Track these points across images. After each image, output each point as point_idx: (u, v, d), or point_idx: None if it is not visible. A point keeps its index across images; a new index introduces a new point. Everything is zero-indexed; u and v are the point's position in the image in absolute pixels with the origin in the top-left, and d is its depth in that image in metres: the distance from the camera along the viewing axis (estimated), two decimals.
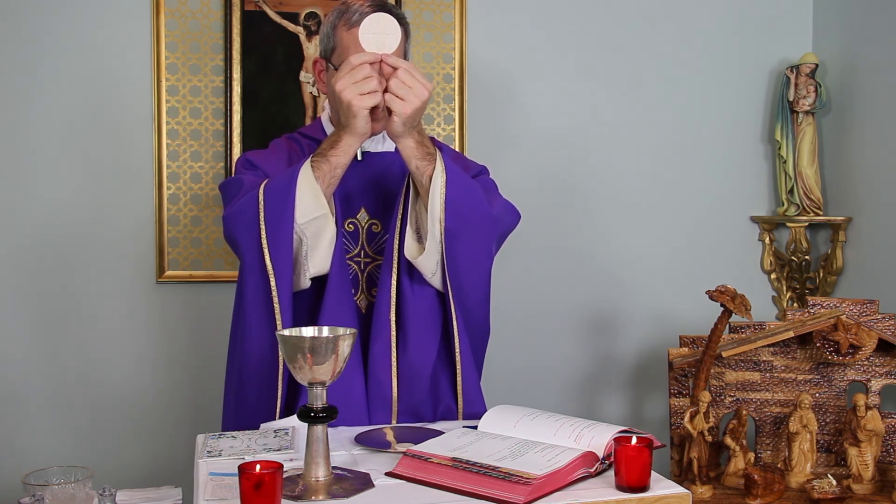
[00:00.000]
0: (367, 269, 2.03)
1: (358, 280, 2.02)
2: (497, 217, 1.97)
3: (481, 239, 1.92)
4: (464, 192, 1.87)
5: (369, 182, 2.04)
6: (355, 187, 2.03)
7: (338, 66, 1.91)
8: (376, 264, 2.02)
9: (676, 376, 2.38)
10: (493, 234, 1.97)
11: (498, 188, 2.12)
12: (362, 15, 1.89)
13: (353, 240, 2.02)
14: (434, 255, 1.88)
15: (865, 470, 2.19)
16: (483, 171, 2.14)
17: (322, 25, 2.03)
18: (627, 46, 2.95)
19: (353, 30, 1.89)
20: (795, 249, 3.00)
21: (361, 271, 2.02)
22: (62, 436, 2.62)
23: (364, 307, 2.02)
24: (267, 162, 2.03)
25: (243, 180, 1.96)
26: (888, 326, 2.29)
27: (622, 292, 2.99)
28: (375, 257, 2.03)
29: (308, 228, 1.85)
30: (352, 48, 1.89)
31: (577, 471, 1.49)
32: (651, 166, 2.99)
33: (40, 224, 2.59)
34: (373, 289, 2.01)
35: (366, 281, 2.02)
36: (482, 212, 1.91)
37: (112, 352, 2.65)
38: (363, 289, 2.02)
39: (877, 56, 2.78)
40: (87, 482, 1.75)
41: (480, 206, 1.91)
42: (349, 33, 1.92)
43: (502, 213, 2.01)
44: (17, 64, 2.55)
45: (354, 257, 2.02)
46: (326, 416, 1.46)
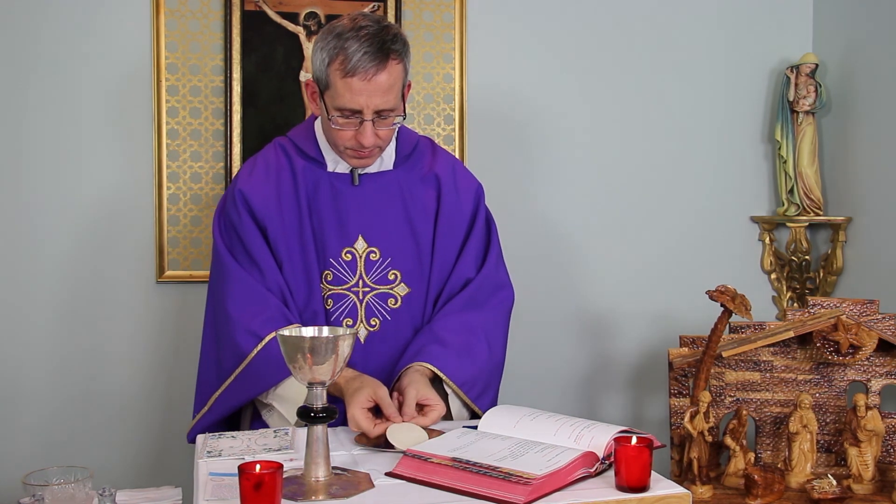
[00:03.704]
0: (366, 298, 2.00)
1: (356, 310, 1.99)
2: (500, 360, 2.04)
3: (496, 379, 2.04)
4: (474, 383, 1.95)
5: (366, 207, 2.01)
6: (351, 213, 2.00)
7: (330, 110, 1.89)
8: (376, 293, 2.00)
9: (676, 376, 2.38)
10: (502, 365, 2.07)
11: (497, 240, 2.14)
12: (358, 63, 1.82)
13: (350, 270, 1.99)
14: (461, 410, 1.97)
15: (865, 470, 2.19)
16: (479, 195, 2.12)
17: (316, 48, 1.91)
18: (628, 46, 2.95)
19: (349, 79, 1.84)
20: (795, 249, 3.00)
21: (360, 301, 1.99)
22: (62, 436, 2.62)
23: (363, 337, 2.00)
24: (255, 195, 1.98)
25: (234, 274, 1.95)
26: (888, 326, 2.29)
27: (622, 292, 2.99)
28: (375, 286, 2.00)
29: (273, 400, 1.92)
30: (347, 96, 1.85)
31: (577, 471, 1.49)
32: (651, 166, 2.98)
33: (40, 224, 2.59)
34: (372, 318, 1.99)
35: (364, 310, 1.99)
36: (493, 368, 2.00)
37: (112, 352, 2.65)
38: (362, 318, 1.99)
39: (877, 56, 2.78)
40: (87, 482, 1.75)
41: (490, 372, 2.00)
42: (344, 82, 1.85)
43: (501, 336, 2.06)
44: (17, 64, 2.55)
45: (352, 287, 1.99)
46: (326, 416, 1.46)
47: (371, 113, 1.88)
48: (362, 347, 1.99)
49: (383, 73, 1.85)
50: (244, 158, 2.66)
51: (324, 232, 1.99)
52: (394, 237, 2.02)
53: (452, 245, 2.07)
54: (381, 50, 1.84)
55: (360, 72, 1.83)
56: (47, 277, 2.60)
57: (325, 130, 1.99)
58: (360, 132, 1.90)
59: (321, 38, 1.90)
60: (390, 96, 1.88)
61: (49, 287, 2.60)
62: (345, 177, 2.03)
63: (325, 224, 1.99)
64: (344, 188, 2.02)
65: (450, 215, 2.06)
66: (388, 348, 2.00)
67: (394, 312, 2.01)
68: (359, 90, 1.85)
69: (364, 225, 2.00)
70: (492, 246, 2.12)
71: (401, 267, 2.02)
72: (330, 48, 1.86)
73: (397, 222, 2.03)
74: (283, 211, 1.99)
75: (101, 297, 2.64)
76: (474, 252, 2.09)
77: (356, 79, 1.83)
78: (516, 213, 2.84)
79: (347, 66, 1.83)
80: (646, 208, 2.99)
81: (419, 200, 2.05)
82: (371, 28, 1.86)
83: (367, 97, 1.85)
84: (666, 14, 2.97)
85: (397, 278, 2.02)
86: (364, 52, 1.83)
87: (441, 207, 2.06)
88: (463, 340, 1.96)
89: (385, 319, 2.00)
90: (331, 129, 1.93)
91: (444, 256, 2.06)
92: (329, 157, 2.03)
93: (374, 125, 1.89)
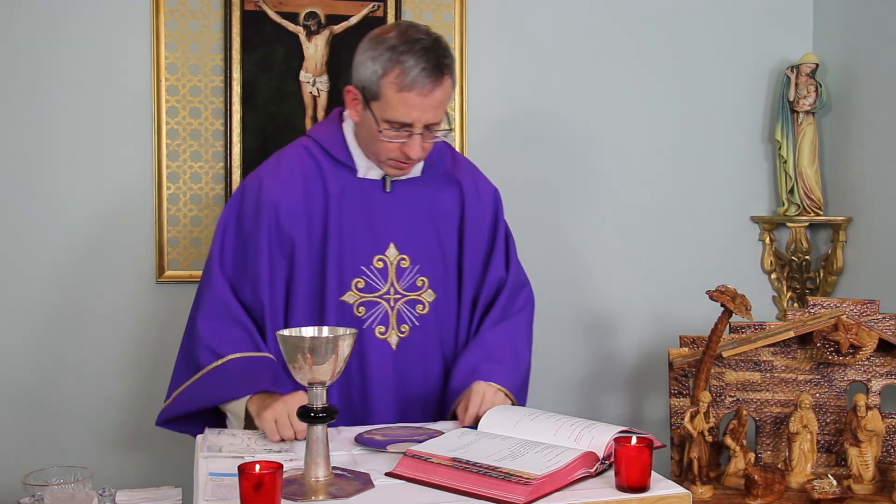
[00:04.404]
0: (397, 305, 2.00)
1: (387, 317, 1.99)
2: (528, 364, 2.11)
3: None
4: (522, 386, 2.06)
5: (398, 214, 2.01)
6: (383, 221, 2.00)
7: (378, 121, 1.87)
8: (406, 300, 2.01)
9: (676, 376, 2.38)
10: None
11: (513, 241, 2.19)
12: (416, 79, 1.81)
13: (381, 277, 1.99)
14: None
15: (866, 470, 2.19)
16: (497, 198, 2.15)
17: (364, 56, 1.88)
18: (628, 46, 2.95)
19: (405, 94, 1.83)
20: (796, 249, 3.00)
21: (391, 308, 2.00)
22: (62, 436, 2.62)
23: (394, 344, 2.00)
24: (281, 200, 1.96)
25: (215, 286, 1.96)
26: (888, 326, 2.29)
27: (622, 292, 2.99)
28: (405, 293, 2.01)
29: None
30: (401, 110, 1.84)
31: (577, 471, 1.49)
32: (651, 166, 2.98)
33: (40, 224, 2.59)
34: (402, 325, 2.00)
35: (396, 317, 2.00)
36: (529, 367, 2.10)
37: (112, 352, 2.65)
38: (393, 325, 2.00)
39: (877, 56, 2.78)
40: (86, 482, 1.75)
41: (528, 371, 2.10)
42: (400, 96, 1.83)
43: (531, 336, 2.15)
44: (17, 64, 2.55)
45: (384, 295, 1.99)
46: (326, 416, 1.46)
47: (421, 127, 1.88)
48: (394, 354, 1.99)
49: (439, 89, 1.86)
50: (244, 158, 2.66)
51: (354, 239, 1.98)
52: (422, 244, 2.03)
53: (480, 249, 2.11)
54: (438, 66, 1.84)
55: (417, 87, 1.83)
56: (47, 277, 2.60)
57: (365, 138, 1.96)
58: (407, 145, 1.89)
59: (370, 47, 1.87)
60: (441, 110, 1.90)
61: (49, 286, 2.60)
62: (376, 183, 2.01)
63: (355, 231, 1.98)
64: (375, 195, 2.00)
65: (475, 221, 2.09)
66: (417, 354, 2.02)
67: (422, 318, 2.02)
68: (413, 105, 1.84)
69: (395, 232, 2.00)
70: (511, 246, 2.18)
71: (428, 273, 2.03)
72: (384, 60, 1.84)
73: (425, 229, 2.04)
74: (311, 217, 1.97)
75: (102, 297, 2.64)
76: (501, 253, 2.14)
77: (412, 94, 1.83)
78: (516, 213, 2.82)
79: (405, 81, 1.82)
80: (646, 208, 2.99)
81: (443, 206, 2.07)
82: (425, 42, 1.85)
83: (421, 112, 1.85)
84: (666, 15, 2.97)
85: (425, 284, 2.03)
86: (422, 67, 1.82)
87: (465, 213, 2.08)
88: (510, 352, 2.03)
89: (414, 326, 2.01)
90: (375, 139, 1.91)
91: (474, 261, 2.09)
92: (361, 162, 2.00)
93: (422, 138, 1.89)
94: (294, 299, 1.97)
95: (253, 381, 1.85)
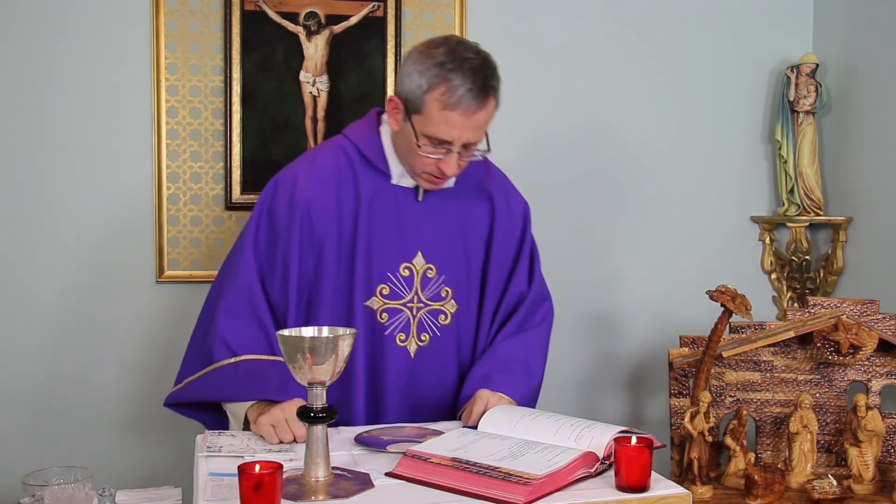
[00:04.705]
0: (419, 314, 2.00)
1: (409, 325, 1.99)
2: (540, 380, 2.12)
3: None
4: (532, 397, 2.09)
5: (427, 223, 2.01)
6: (413, 229, 1.99)
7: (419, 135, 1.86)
8: (429, 309, 2.01)
9: (677, 376, 2.38)
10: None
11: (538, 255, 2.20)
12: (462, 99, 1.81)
13: (406, 285, 1.99)
14: None
15: (866, 470, 2.19)
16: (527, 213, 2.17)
17: (411, 69, 1.86)
18: (628, 46, 2.95)
19: (449, 112, 1.82)
20: (796, 249, 3.00)
21: (413, 316, 2.00)
22: (62, 436, 2.62)
23: (413, 352, 2.00)
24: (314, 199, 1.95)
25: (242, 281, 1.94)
26: (888, 326, 2.29)
27: (622, 292, 2.99)
28: (429, 303, 2.00)
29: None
30: (443, 127, 1.84)
31: (577, 471, 1.49)
32: (651, 166, 2.98)
33: (40, 224, 2.59)
34: (423, 333, 2.00)
35: (417, 326, 2.00)
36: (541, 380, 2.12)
37: (112, 352, 2.65)
38: (414, 333, 2.00)
39: (877, 56, 2.78)
40: (86, 482, 1.75)
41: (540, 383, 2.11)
42: (443, 114, 1.82)
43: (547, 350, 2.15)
44: (17, 64, 2.55)
45: (407, 303, 1.99)
46: (326, 416, 1.46)
47: (460, 145, 1.87)
48: (412, 362, 1.99)
49: (483, 110, 1.85)
50: (244, 158, 2.66)
51: (382, 245, 1.97)
52: (449, 254, 2.03)
53: (505, 263, 2.11)
54: (484, 87, 1.84)
55: (462, 107, 1.82)
56: (47, 277, 2.60)
57: (402, 147, 1.95)
58: (444, 161, 1.88)
59: (418, 60, 1.86)
60: (481, 131, 1.89)
61: (49, 287, 2.60)
62: (408, 191, 2.01)
63: (384, 237, 1.97)
64: (407, 203, 2.00)
65: (503, 235, 2.10)
66: (434, 363, 2.02)
67: (443, 328, 2.02)
68: (456, 124, 1.84)
69: (423, 241, 2.00)
70: (536, 260, 2.18)
71: (453, 284, 2.04)
72: (431, 75, 1.83)
73: (452, 239, 2.04)
74: (341, 219, 1.96)
75: (101, 297, 2.64)
76: (525, 267, 2.14)
77: (456, 113, 1.82)
78: None
79: (450, 100, 1.81)
80: (646, 208, 2.99)
81: (473, 217, 2.07)
82: (474, 61, 1.84)
83: (462, 131, 1.85)
84: (666, 14, 2.97)
85: (448, 295, 2.03)
86: (468, 88, 1.81)
87: (495, 227, 2.09)
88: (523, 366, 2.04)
89: (435, 335, 2.01)
90: (412, 152, 1.90)
91: (498, 274, 2.10)
92: (395, 169, 2.00)
93: (460, 156, 1.89)
94: (319, 301, 1.96)
95: (259, 388, 1.85)
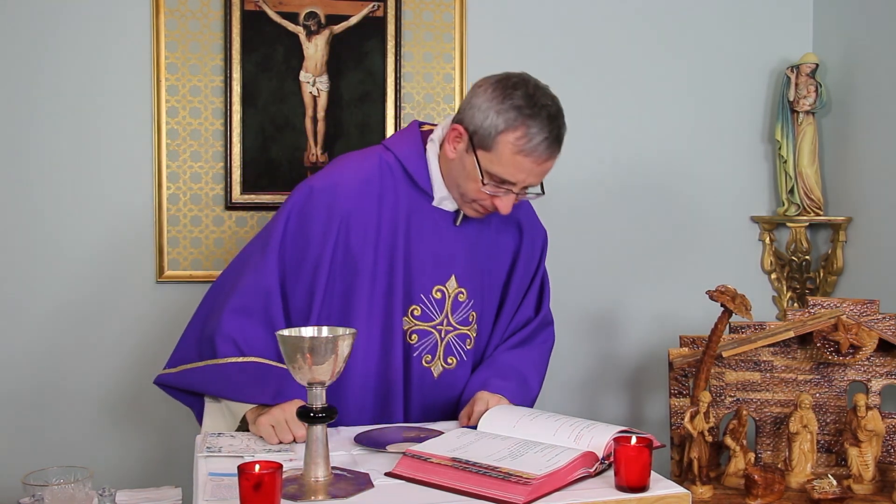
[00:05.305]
0: (447, 337, 2.00)
1: (436, 347, 1.99)
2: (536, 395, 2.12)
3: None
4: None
5: (462, 247, 2.00)
6: (448, 252, 1.99)
7: (484, 173, 1.84)
8: (457, 333, 2.01)
9: (676, 376, 2.37)
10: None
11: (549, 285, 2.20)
12: (537, 147, 1.81)
13: (437, 307, 1.98)
14: None
15: (866, 470, 2.19)
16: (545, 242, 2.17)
17: (485, 105, 1.85)
18: (628, 47, 2.95)
19: (521, 157, 1.81)
20: (796, 249, 3.00)
21: (441, 339, 1.99)
22: (62, 436, 2.62)
23: (437, 374, 2.00)
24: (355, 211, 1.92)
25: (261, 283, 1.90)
26: (888, 326, 2.29)
27: (622, 292, 2.99)
28: (457, 327, 2.00)
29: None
30: (511, 170, 1.83)
31: (576, 471, 1.49)
32: (651, 166, 2.98)
33: (39, 224, 2.59)
34: (449, 357, 2.00)
35: (444, 349, 2.00)
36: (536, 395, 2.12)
37: (112, 352, 2.65)
38: (440, 356, 2.00)
39: (877, 56, 2.78)
40: (86, 482, 1.75)
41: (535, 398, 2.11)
42: (515, 158, 1.82)
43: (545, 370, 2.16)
44: (17, 64, 2.55)
45: (437, 325, 1.98)
46: (326, 416, 1.46)
47: (521, 187, 1.88)
48: (435, 383, 2.00)
49: (553, 159, 1.87)
50: (244, 158, 2.66)
51: (419, 266, 1.96)
52: (478, 279, 2.04)
53: (521, 291, 2.13)
54: (558, 138, 1.85)
55: (535, 155, 1.82)
56: (47, 277, 2.60)
57: (453, 174, 1.93)
58: (500, 199, 1.88)
59: (494, 98, 1.85)
60: (544, 177, 1.91)
61: (49, 287, 2.60)
62: (448, 215, 1.99)
63: (421, 258, 1.96)
64: (445, 226, 1.99)
65: (524, 264, 2.11)
66: (456, 386, 2.03)
67: (468, 353, 2.04)
68: (525, 169, 1.84)
69: (457, 265, 1.99)
70: (546, 290, 2.18)
71: (478, 309, 2.04)
72: (509, 117, 1.82)
73: (482, 265, 2.04)
74: (379, 234, 1.94)
75: (101, 297, 2.64)
76: (535, 296, 2.15)
77: (529, 160, 1.83)
78: None
79: (525, 146, 1.81)
80: (646, 208, 2.99)
81: (501, 246, 2.08)
82: (551, 108, 1.85)
83: (528, 176, 1.86)
84: (666, 14, 2.97)
85: (474, 319, 2.04)
86: (545, 137, 1.82)
87: (519, 257, 2.10)
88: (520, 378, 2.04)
89: (461, 360, 2.02)
90: (468, 182, 1.89)
91: (514, 301, 2.12)
92: (439, 192, 1.97)
93: (517, 197, 1.90)
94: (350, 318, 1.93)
95: (265, 392, 1.84)
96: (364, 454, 1.67)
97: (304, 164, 2.71)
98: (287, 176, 2.69)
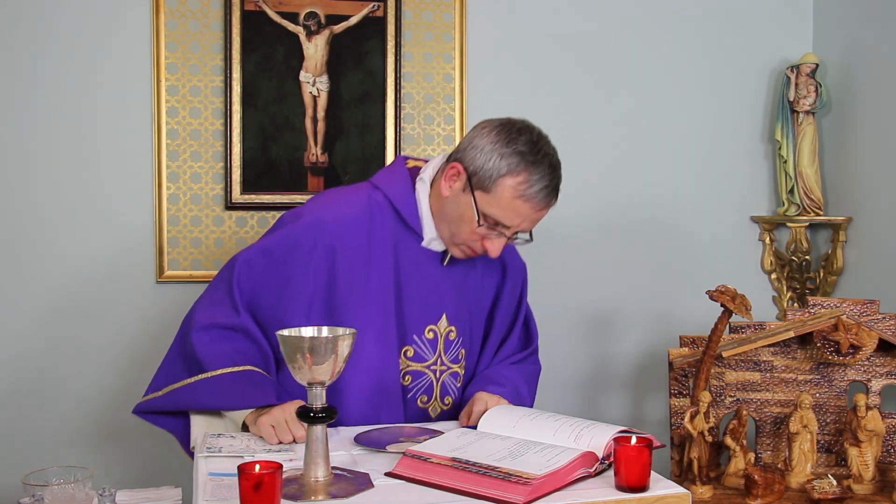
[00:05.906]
0: (442, 377, 1.99)
1: (432, 388, 1.98)
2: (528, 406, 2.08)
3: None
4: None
5: (450, 286, 1.99)
6: (437, 293, 1.98)
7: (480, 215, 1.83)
8: (450, 372, 2.00)
9: (676, 376, 2.37)
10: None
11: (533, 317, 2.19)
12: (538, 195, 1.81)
13: (430, 347, 1.97)
14: None
15: (866, 470, 2.19)
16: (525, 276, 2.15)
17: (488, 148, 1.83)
18: (628, 46, 2.95)
19: (520, 202, 1.81)
20: (796, 249, 3.00)
21: (436, 379, 1.98)
22: (62, 436, 2.62)
23: (434, 415, 1.99)
24: (349, 270, 1.89)
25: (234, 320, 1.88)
26: (888, 326, 2.29)
27: (622, 292, 2.99)
28: (450, 365, 2.00)
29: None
30: (508, 214, 1.83)
31: (576, 471, 1.49)
32: (651, 166, 2.98)
33: (40, 224, 2.59)
34: (446, 397, 1.99)
35: (440, 389, 1.99)
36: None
37: (112, 352, 2.65)
38: (437, 396, 1.99)
39: (877, 56, 2.78)
40: (86, 482, 1.75)
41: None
42: (514, 202, 1.81)
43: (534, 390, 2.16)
44: (17, 64, 2.55)
45: (431, 365, 1.97)
46: (326, 417, 1.45)
47: (513, 232, 1.88)
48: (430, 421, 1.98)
49: (549, 208, 1.87)
50: (244, 158, 2.66)
51: (410, 307, 1.95)
52: (466, 316, 2.03)
53: (504, 326, 2.13)
54: (556, 189, 1.86)
55: (534, 202, 1.82)
56: (47, 277, 2.60)
57: (446, 214, 1.90)
58: (491, 241, 1.87)
59: (497, 141, 1.83)
60: (537, 223, 1.90)
61: (49, 287, 2.60)
62: (435, 255, 1.97)
63: (412, 299, 1.95)
64: (433, 266, 1.97)
65: (508, 301, 2.11)
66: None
67: (459, 390, 2.03)
68: (522, 214, 1.84)
69: (447, 304, 1.98)
70: (532, 324, 2.18)
71: (467, 346, 2.04)
72: (511, 162, 1.81)
73: (468, 302, 2.04)
74: (368, 276, 1.90)
75: (101, 297, 2.64)
76: (519, 333, 2.15)
77: (528, 206, 1.82)
78: None
79: (526, 192, 1.81)
80: (646, 208, 2.99)
81: (485, 282, 2.07)
82: (552, 158, 1.85)
83: (523, 221, 1.86)
84: (666, 14, 2.97)
85: (462, 357, 2.03)
86: (545, 185, 1.82)
87: (502, 292, 2.10)
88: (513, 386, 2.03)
89: (456, 399, 2.01)
90: (461, 223, 1.87)
91: (497, 336, 2.12)
92: (429, 233, 1.95)
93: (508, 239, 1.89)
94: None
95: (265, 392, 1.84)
96: (364, 454, 1.67)
97: (304, 164, 2.71)
98: (287, 176, 2.70)
